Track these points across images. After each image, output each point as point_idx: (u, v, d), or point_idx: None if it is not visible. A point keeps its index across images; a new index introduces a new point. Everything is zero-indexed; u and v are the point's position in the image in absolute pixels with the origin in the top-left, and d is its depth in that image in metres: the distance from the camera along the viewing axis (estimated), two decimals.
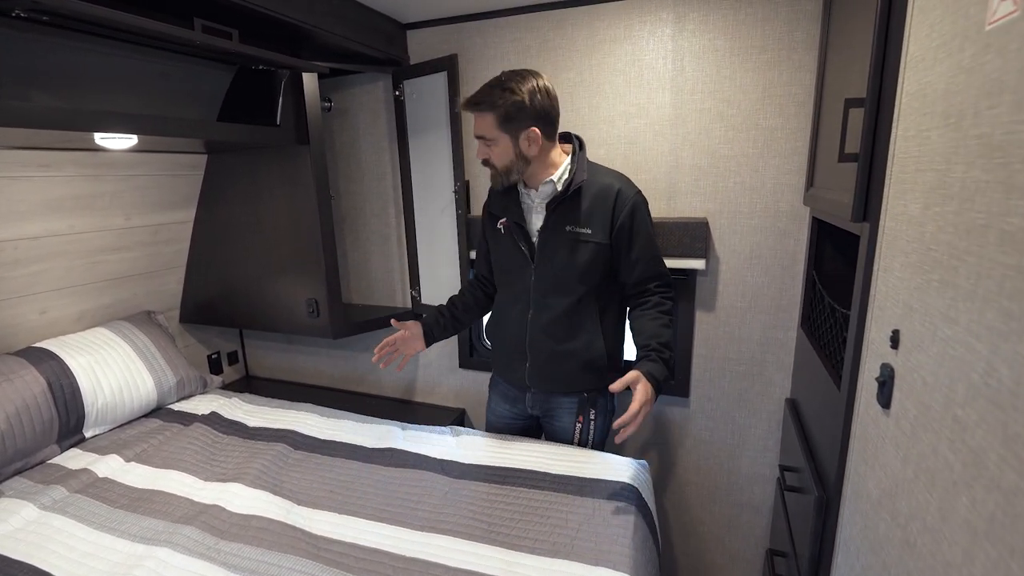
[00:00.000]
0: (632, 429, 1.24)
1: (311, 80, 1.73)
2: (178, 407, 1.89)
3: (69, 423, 1.60)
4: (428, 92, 1.86)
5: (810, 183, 1.46)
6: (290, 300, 1.99)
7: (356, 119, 2.12)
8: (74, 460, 1.54)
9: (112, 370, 1.73)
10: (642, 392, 1.26)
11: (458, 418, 2.16)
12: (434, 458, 1.53)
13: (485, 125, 1.32)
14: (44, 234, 1.68)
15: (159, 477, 1.46)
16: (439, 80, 1.80)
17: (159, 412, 1.85)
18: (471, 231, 1.88)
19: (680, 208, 1.72)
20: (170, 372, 1.89)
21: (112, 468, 1.50)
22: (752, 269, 1.68)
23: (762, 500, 1.84)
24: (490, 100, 1.29)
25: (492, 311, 1.62)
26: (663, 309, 1.40)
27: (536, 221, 1.42)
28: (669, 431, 1.92)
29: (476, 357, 2.15)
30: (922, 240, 0.71)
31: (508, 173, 1.36)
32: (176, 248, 2.13)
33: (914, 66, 0.78)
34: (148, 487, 1.42)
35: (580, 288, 1.39)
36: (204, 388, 2.03)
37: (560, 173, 1.37)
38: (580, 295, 1.40)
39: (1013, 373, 0.48)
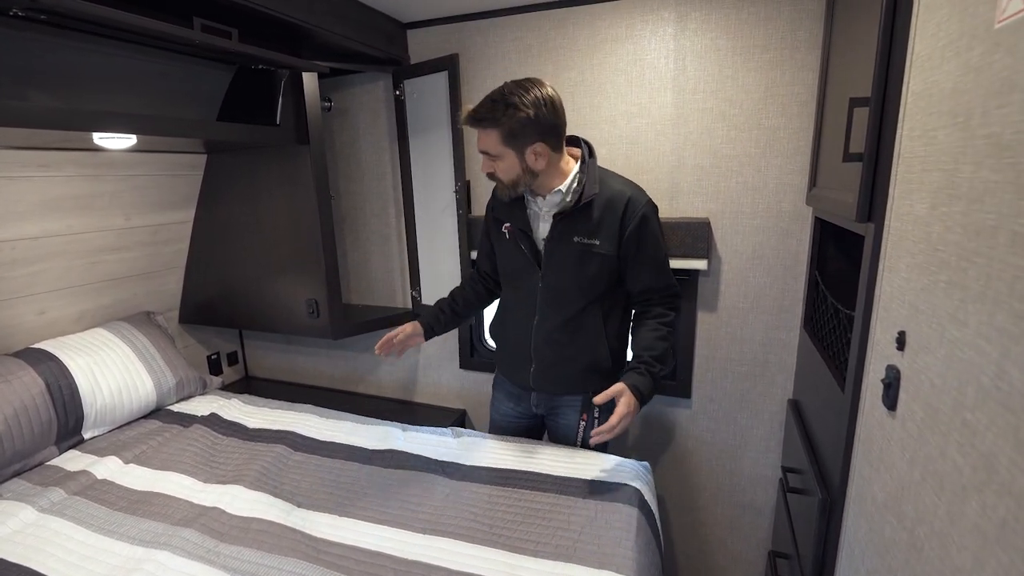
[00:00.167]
0: (607, 438, 1.30)
1: (311, 80, 1.72)
2: (177, 408, 1.88)
3: (68, 424, 1.59)
4: (429, 92, 1.85)
5: (813, 183, 1.45)
6: (290, 300, 1.99)
7: (356, 119, 2.12)
8: (73, 462, 1.53)
9: (111, 371, 1.73)
10: (624, 405, 1.30)
11: (459, 419, 2.16)
12: (435, 459, 1.52)
13: (489, 141, 1.27)
14: (43, 234, 1.68)
15: (158, 479, 1.46)
16: (440, 80, 1.79)
17: (158, 413, 1.85)
18: (472, 231, 1.88)
19: (682, 208, 1.71)
20: (169, 373, 1.89)
21: (111, 470, 1.49)
22: (754, 269, 1.68)
23: (764, 501, 1.83)
24: (493, 116, 1.23)
25: (497, 311, 1.60)
26: (663, 321, 1.40)
27: (543, 229, 1.39)
28: (671, 432, 1.91)
29: (477, 358, 2.14)
30: (929, 241, 0.70)
31: (515, 186, 1.32)
32: (176, 248, 2.12)
33: (920, 65, 0.77)
34: (147, 489, 1.41)
35: (587, 297, 1.39)
36: (203, 389, 2.02)
37: (569, 182, 1.33)
38: (587, 303, 1.39)
39: None
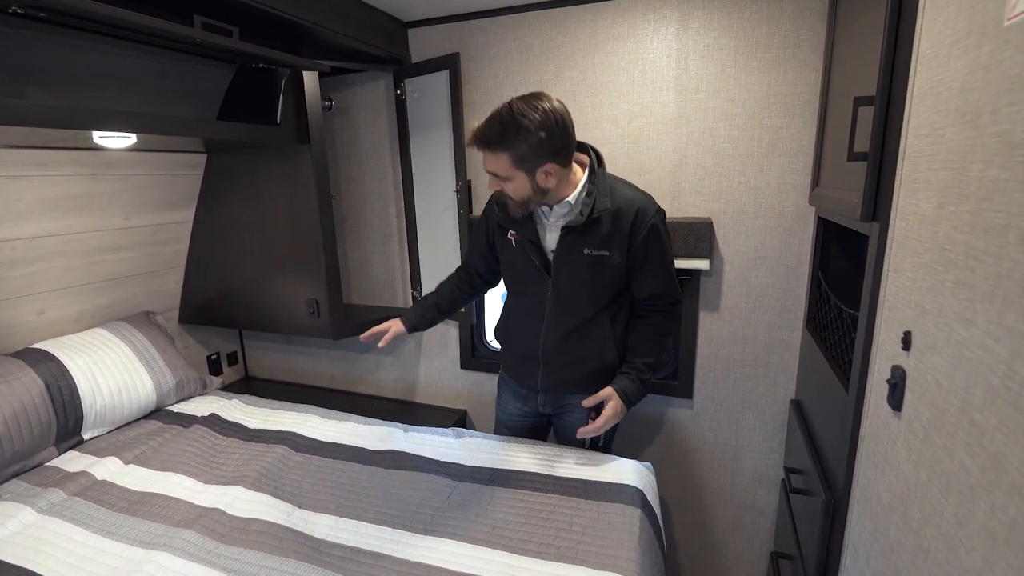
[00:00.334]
0: (592, 435, 1.40)
1: (312, 79, 1.72)
2: (177, 409, 1.87)
3: (67, 425, 1.59)
4: (430, 91, 1.85)
5: (816, 182, 1.45)
6: (290, 300, 1.98)
7: (357, 118, 2.11)
8: (72, 463, 1.53)
9: (111, 371, 1.72)
10: (611, 409, 1.38)
11: (460, 419, 2.15)
12: (436, 460, 1.51)
13: (499, 164, 1.22)
14: (42, 234, 1.67)
15: (158, 480, 1.45)
16: (441, 79, 1.78)
17: (158, 414, 1.84)
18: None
19: (684, 208, 1.70)
20: (169, 373, 1.88)
21: (111, 471, 1.49)
22: (757, 269, 1.67)
23: (766, 502, 1.83)
24: (503, 141, 1.18)
25: (502, 316, 1.58)
26: (661, 329, 1.42)
27: (551, 239, 1.36)
28: (673, 432, 1.91)
29: (478, 358, 2.14)
30: (936, 240, 0.70)
31: (525, 204, 1.29)
32: (175, 248, 2.11)
33: (926, 63, 0.77)
34: (147, 490, 1.41)
35: (597, 305, 1.39)
36: (204, 389, 2.02)
37: (578, 193, 1.30)
38: (596, 311, 1.40)
39: None
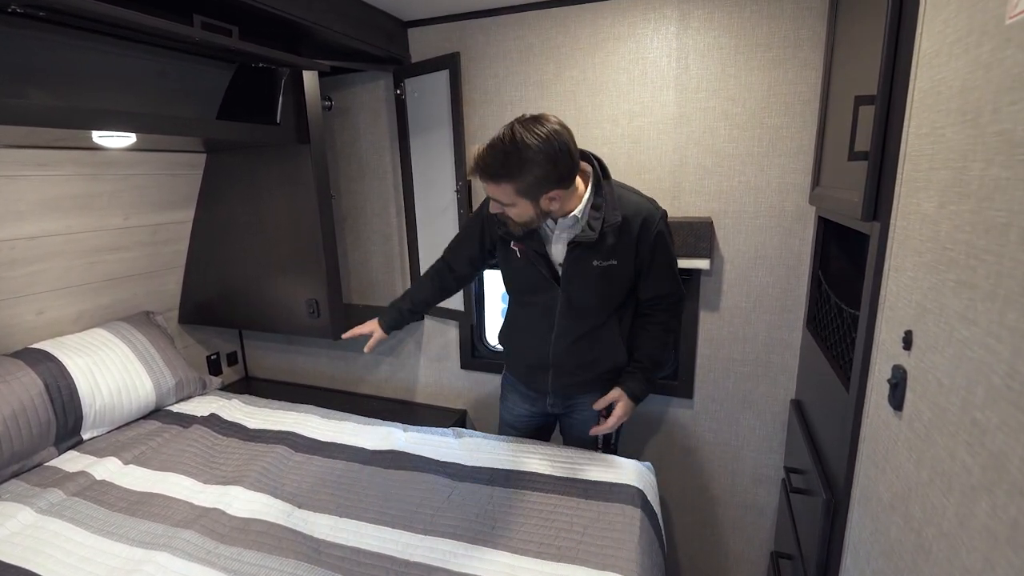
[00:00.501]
0: (604, 432, 1.46)
1: (311, 78, 1.71)
2: (177, 409, 1.87)
3: (67, 425, 1.59)
4: (430, 91, 1.84)
5: (816, 182, 1.45)
6: (290, 300, 1.98)
7: (357, 118, 2.11)
8: (72, 463, 1.52)
9: (110, 371, 1.72)
10: (621, 409, 1.42)
11: (460, 419, 2.15)
12: (436, 460, 1.51)
13: (501, 193, 1.19)
14: (42, 234, 1.67)
15: (158, 480, 1.45)
16: (441, 78, 1.78)
17: (158, 414, 1.84)
18: None
19: (684, 207, 1.70)
20: (169, 373, 1.88)
21: (110, 471, 1.49)
22: (757, 269, 1.67)
23: (767, 502, 1.83)
24: (507, 173, 1.14)
25: (506, 323, 1.56)
26: (667, 327, 1.44)
27: (558, 251, 1.34)
28: (673, 432, 1.90)
29: (478, 358, 2.14)
30: (937, 239, 0.70)
31: (527, 226, 1.28)
32: (175, 248, 2.11)
33: (927, 62, 0.77)
34: (147, 490, 1.41)
35: (607, 310, 1.40)
36: (203, 389, 2.02)
37: (583, 206, 1.27)
38: (607, 316, 1.40)
39: None
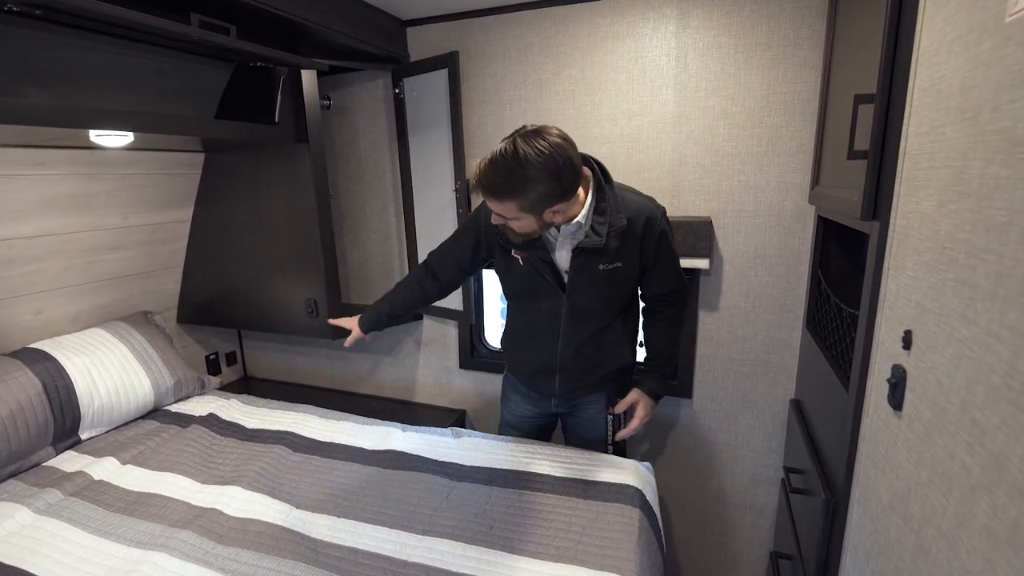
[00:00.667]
0: (628, 435, 1.47)
1: (310, 77, 1.71)
2: (175, 408, 1.87)
3: (64, 425, 1.58)
4: (429, 90, 1.84)
5: (816, 181, 1.44)
6: (289, 300, 1.97)
7: (355, 117, 2.10)
8: (69, 463, 1.52)
9: (108, 371, 1.71)
10: (643, 409, 1.44)
11: (459, 419, 2.15)
12: (435, 460, 1.51)
13: (505, 209, 1.16)
14: (39, 233, 1.66)
15: (156, 480, 1.45)
16: (440, 78, 1.78)
17: (156, 414, 1.84)
18: None
19: (684, 207, 1.70)
20: (167, 373, 1.87)
21: (108, 471, 1.48)
22: (756, 269, 1.67)
23: (766, 502, 1.83)
24: (510, 191, 1.12)
25: (509, 329, 1.54)
26: (673, 322, 1.46)
27: (562, 257, 1.33)
28: (672, 432, 1.90)
29: (477, 358, 2.13)
30: (936, 238, 0.69)
31: (530, 236, 1.26)
32: (173, 248, 2.11)
33: (927, 61, 0.76)
34: (144, 490, 1.40)
35: (613, 312, 1.40)
36: (202, 389, 2.01)
37: (586, 211, 1.25)
38: (612, 318, 1.40)
39: None
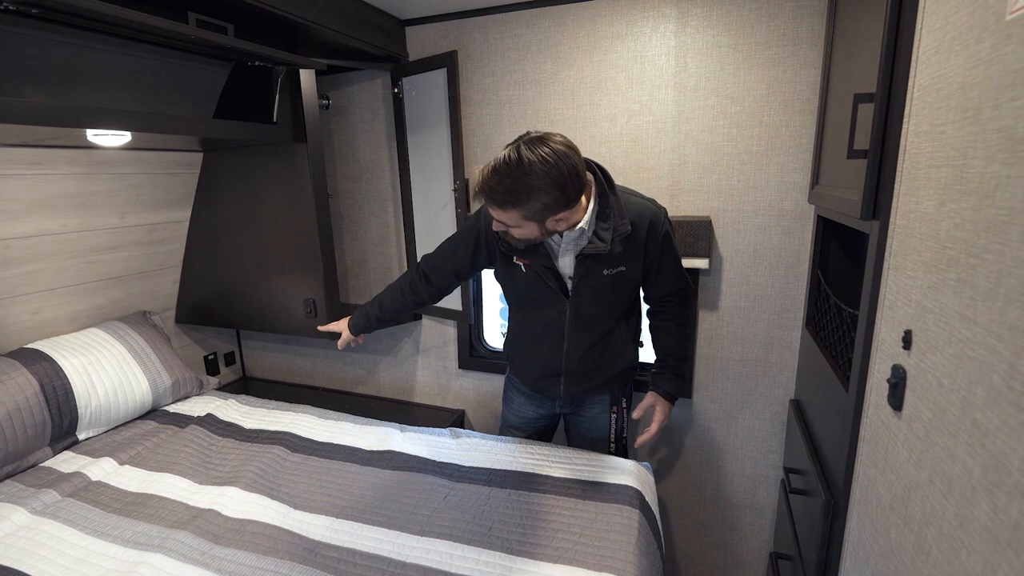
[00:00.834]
0: (648, 441, 1.44)
1: (308, 77, 1.71)
2: (173, 409, 1.86)
3: (62, 425, 1.58)
4: (427, 89, 1.84)
5: (815, 181, 1.44)
6: (287, 300, 1.97)
7: (354, 117, 2.10)
8: (67, 463, 1.52)
9: (106, 371, 1.71)
10: (660, 413, 1.44)
11: (457, 419, 2.14)
12: (433, 460, 1.51)
13: (508, 217, 1.15)
14: (37, 233, 1.66)
15: (153, 481, 1.44)
16: (439, 77, 1.77)
17: (154, 414, 1.83)
18: None
19: (683, 207, 1.70)
20: (165, 373, 1.87)
21: (105, 471, 1.48)
22: (756, 268, 1.67)
23: (766, 503, 1.82)
24: (514, 200, 1.11)
25: (511, 335, 1.54)
26: (680, 321, 1.46)
27: (565, 263, 1.32)
28: (672, 432, 1.90)
29: (476, 358, 2.13)
30: (937, 238, 0.69)
31: (531, 242, 1.26)
32: (172, 248, 2.10)
33: (927, 59, 0.76)
34: (142, 491, 1.40)
35: (616, 316, 1.40)
36: (200, 389, 2.01)
37: (589, 217, 1.23)
38: (616, 321, 1.41)
39: None
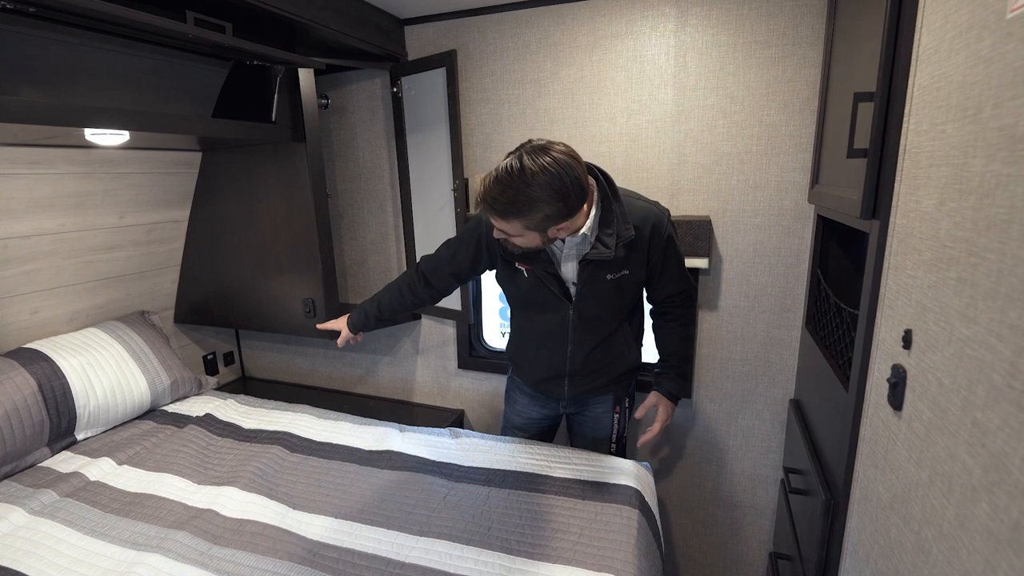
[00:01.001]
0: (650, 440, 1.46)
1: (307, 76, 1.70)
2: (172, 409, 1.86)
3: (60, 425, 1.57)
4: (427, 89, 1.83)
5: (815, 180, 1.44)
6: (286, 300, 1.97)
7: (353, 116, 2.10)
8: (65, 463, 1.51)
9: (105, 371, 1.71)
10: (663, 413, 1.45)
11: (457, 419, 2.14)
12: (433, 460, 1.50)
13: (510, 227, 1.15)
14: (35, 233, 1.65)
15: (152, 481, 1.44)
16: (438, 76, 1.77)
17: (153, 414, 1.83)
18: None
19: (683, 206, 1.69)
20: (164, 373, 1.87)
21: (104, 471, 1.48)
22: (756, 268, 1.66)
23: (765, 502, 1.82)
24: (516, 210, 1.09)
25: (514, 338, 1.54)
26: (684, 321, 1.47)
27: (568, 268, 1.32)
28: (671, 432, 1.89)
29: (475, 357, 2.13)
30: (937, 237, 0.69)
31: (533, 250, 1.25)
32: (170, 247, 2.10)
33: (927, 58, 0.76)
34: (140, 491, 1.40)
35: (619, 318, 1.40)
36: (199, 389, 2.00)
37: (591, 223, 1.22)
38: (619, 323, 1.41)
39: None
